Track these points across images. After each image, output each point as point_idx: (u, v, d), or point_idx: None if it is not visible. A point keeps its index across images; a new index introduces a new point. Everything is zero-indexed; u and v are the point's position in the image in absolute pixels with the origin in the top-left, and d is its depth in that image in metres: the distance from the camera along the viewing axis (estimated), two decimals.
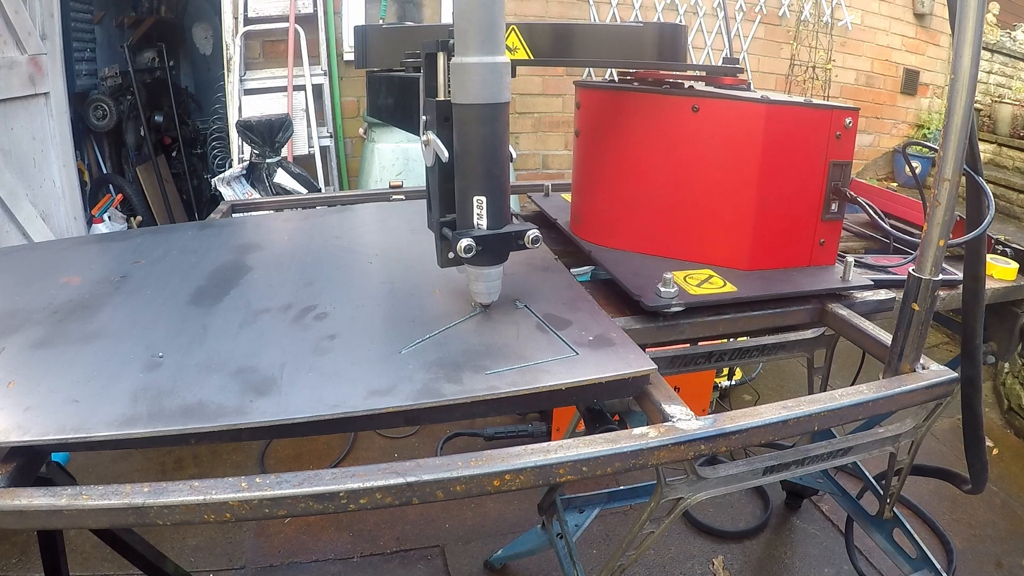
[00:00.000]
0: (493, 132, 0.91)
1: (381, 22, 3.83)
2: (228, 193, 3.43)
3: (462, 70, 0.87)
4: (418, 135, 1.01)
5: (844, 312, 1.19)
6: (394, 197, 1.91)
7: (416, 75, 1.10)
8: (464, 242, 0.91)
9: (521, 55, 1.26)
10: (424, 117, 0.95)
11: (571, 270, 1.27)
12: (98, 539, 1.41)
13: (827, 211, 1.30)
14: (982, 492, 1.44)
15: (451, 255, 0.96)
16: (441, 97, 0.93)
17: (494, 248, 0.95)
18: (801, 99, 1.29)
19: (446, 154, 0.92)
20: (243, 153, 3.68)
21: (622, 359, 0.91)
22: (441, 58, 0.92)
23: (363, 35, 1.39)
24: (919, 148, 5.01)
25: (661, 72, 1.47)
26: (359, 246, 1.41)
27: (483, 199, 0.93)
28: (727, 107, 1.24)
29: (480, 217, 0.94)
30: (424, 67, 0.94)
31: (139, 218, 4.47)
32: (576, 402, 0.95)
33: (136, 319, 1.02)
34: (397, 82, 1.21)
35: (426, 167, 0.99)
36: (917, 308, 0.96)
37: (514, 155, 0.97)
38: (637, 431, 0.81)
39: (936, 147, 0.93)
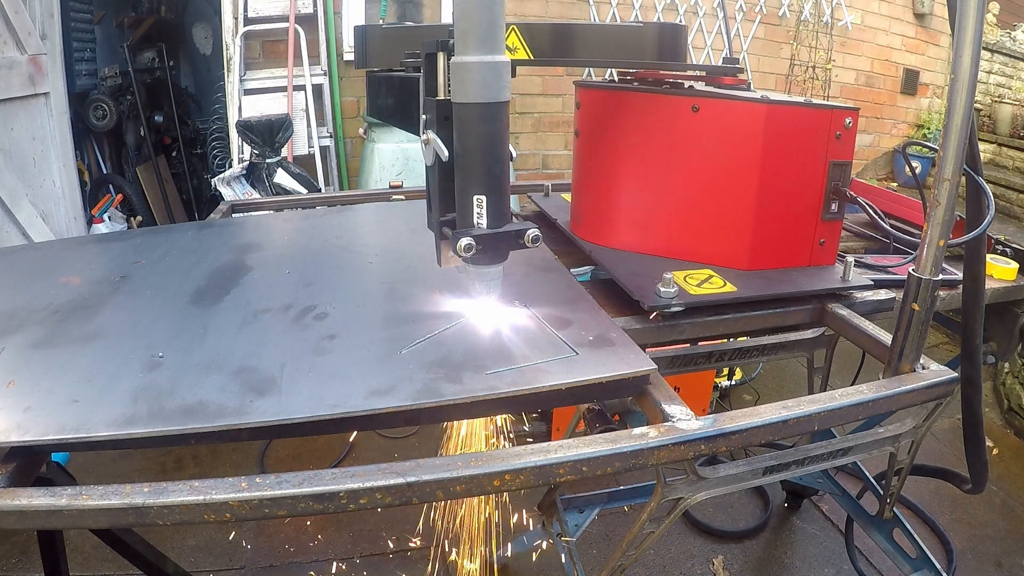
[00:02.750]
0: (493, 131, 0.90)
1: (381, 22, 3.83)
2: (228, 193, 3.43)
3: (462, 69, 0.87)
4: (418, 135, 1.00)
5: (844, 312, 1.19)
6: (394, 197, 1.91)
7: (416, 75, 1.09)
8: (464, 241, 0.91)
9: (521, 55, 1.26)
10: (424, 116, 0.94)
11: (571, 270, 1.27)
12: (98, 539, 1.41)
13: (827, 211, 1.30)
14: (982, 492, 1.44)
15: (451, 254, 0.96)
16: (441, 96, 0.93)
17: (494, 247, 0.94)
18: (801, 99, 1.29)
19: (446, 153, 0.91)
20: (243, 153, 3.68)
21: (622, 359, 0.91)
22: (441, 58, 0.91)
23: (363, 35, 1.39)
24: (919, 148, 5.01)
25: (661, 72, 1.47)
26: (359, 246, 1.41)
27: (483, 198, 0.92)
28: (727, 107, 1.24)
29: (480, 216, 0.93)
30: (424, 67, 0.94)
31: (139, 218, 4.47)
32: (576, 402, 0.95)
33: (136, 319, 1.02)
34: (397, 82, 1.20)
35: (426, 166, 0.98)
36: (917, 308, 0.96)
37: (514, 154, 0.96)
38: (637, 431, 0.81)
39: (936, 147, 0.93)
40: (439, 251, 1.00)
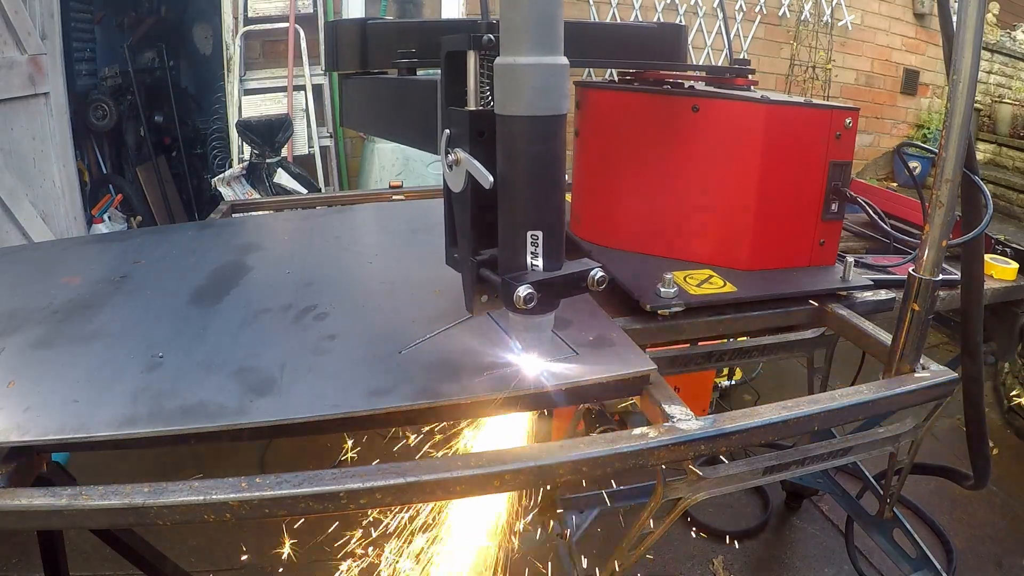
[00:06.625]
0: (551, 151, 0.74)
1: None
2: (228, 193, 3.43)
3: (514, 73, 0.71)
4: (413, 146, 0.91)
5: (844, 312, 1.19)
6: (394, 197, 1.91)
7: (412, 78, 1.02)
8: (523, 290, 0.73)
9: None
10: (447, 131, 0.78)
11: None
12: (98, 539, 1.41)
13: (827, 211, 1.30)
14: (985, 488, 1.44)
15: (485, 299, 0.81)
16: (472, 106, 0.76)
17: (553, 293, 0.78)
18: (801, 99, 1.29)
19: (490, 179, 0.74)
20: (243, 153, 3.68)
21: (622, 359, 0.91)
22: (472, 58, 0.75)
23: (334, 33, 1.20)
24: (915, 149, 5.01)
25: (661, 72, 1.47)
26: (359, 246, 1.41)
27: (539, 234, 0.75)
28: (727, 107, 1.24)
29: (535, 256, 0.76)
30: (446, 70, 0.78)
31: (139, 218, 4.47)
32: (576, 402, 0.95)
33: (136, 319, 1.02)
34: (387, 86, 1.08)
35: (449, 193, 0.81)
36: (917, 308, 0.96)
37: (568, 179, 0.81)
38: (637, 431, 0.81)
39: (933, 148, 0.93)
40: (470, 297, 0.82)
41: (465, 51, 0.75)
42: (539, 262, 0.76)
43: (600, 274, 0.80)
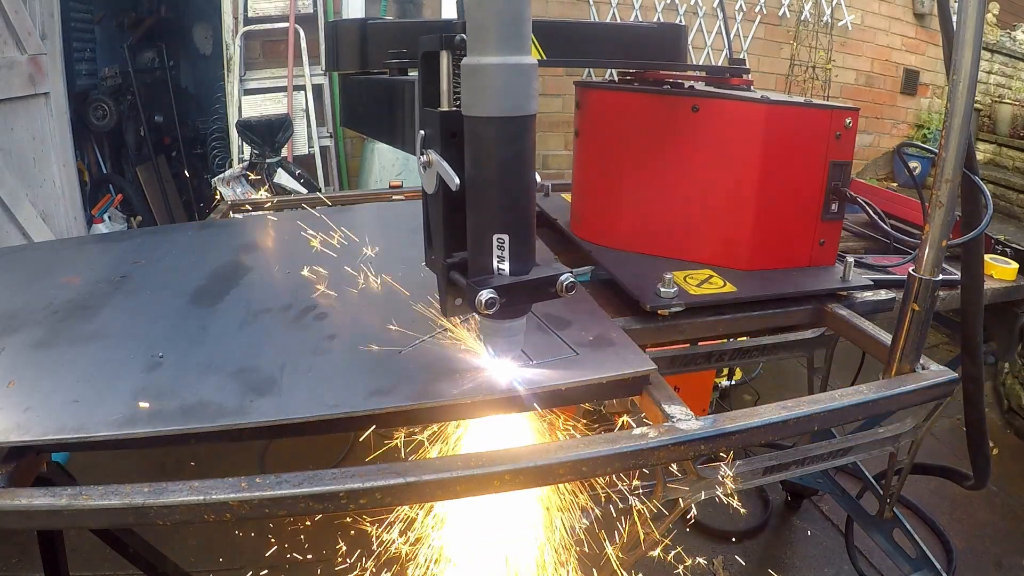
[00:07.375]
0: (518, 152, 0.72)
1: None
2: (228, 193, 3.43)
3: (479, 74, 0.70)
4: (406, 150, 0.91)
5: (844, 312, 1.19)
6: (394, 197, 1.91)
7: (403, 79, 1.01)
8: (485, 295, 0.72)
9: (533, 55, 1.24)
10: (421, 132, 0.77)
11: (571, 270, 1.27)
12: (98, 539, 1.41)
13: (827, 211, 1.30)
14: (985, 487, 1.44)
15: (458, 303, 0.81)
16: (445, 107, 0.76)
17: (520, 298, 0.77)
18: (801, 99, 1.29)
19: (456, 181, 0.74)
20: (243, 153, 3.68)
21: (622, 359, 0.91)
22: (444, 58, 0.75)
23: (334, 33, 1.20)
24: (915, 149, 5.01)
25: (661, 72, 1.47)
26: (359, 246, 1.41)
27: (505, 237, 0.74)
28: (727, 107, 1.24)
29: (502, 260, 0.75)
30: (421, 70, 0.77)
31: (139, 218, 4.47)
32: (576, 402, 0.95)
33: (136, 319, 1.02)
34: (380, 87, 1.07)
35: (424, 194, 0.81)
36: (917, 308, 0.96)
37: (539, 181, 0.79)
38: (637, 431, 0.81)
39: (933, 148, 0.93)
40: (444, 299, 0.83)
41: (437, 50, 0.75)
42: (505, 266, 0.75)
43: (569, 280, 0.78)
